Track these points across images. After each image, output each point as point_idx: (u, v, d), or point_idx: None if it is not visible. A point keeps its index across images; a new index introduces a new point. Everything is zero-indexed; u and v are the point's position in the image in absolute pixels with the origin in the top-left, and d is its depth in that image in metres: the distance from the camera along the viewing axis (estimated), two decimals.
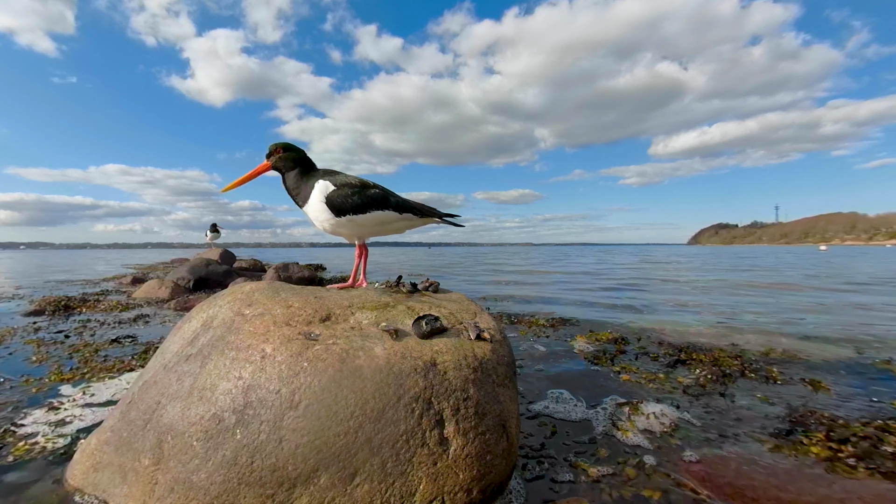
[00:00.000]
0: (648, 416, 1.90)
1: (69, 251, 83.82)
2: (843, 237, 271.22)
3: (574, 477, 1.44)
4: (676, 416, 1.92)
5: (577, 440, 1.70)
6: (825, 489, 1.37)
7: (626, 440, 1.70)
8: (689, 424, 1.85)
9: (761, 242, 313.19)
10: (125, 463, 1.23)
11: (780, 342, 3.40)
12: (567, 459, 1.55)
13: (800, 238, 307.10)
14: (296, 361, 1.22)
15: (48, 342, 3.29)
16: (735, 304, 5.59)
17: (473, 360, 1.34)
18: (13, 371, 2.57)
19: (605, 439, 1.71)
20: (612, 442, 1.69)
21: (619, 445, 1.66)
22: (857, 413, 1.99)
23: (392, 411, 1.16)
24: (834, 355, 3.00)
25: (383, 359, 1.24)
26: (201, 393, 1.22)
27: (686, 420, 1.89)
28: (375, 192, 1.73)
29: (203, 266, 7.03)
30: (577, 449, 1.63)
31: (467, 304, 1.74)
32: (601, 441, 1.69)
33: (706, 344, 3.27)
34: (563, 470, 1.48)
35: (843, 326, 4.06)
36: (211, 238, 10.77)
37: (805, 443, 1.67)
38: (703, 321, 4.40)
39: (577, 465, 1.51)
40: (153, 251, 77.51)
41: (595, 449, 1.63)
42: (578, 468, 1.49)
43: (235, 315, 1.45)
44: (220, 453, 1.12)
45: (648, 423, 1.84)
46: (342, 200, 1.68)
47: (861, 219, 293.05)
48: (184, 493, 1.10)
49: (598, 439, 1.71)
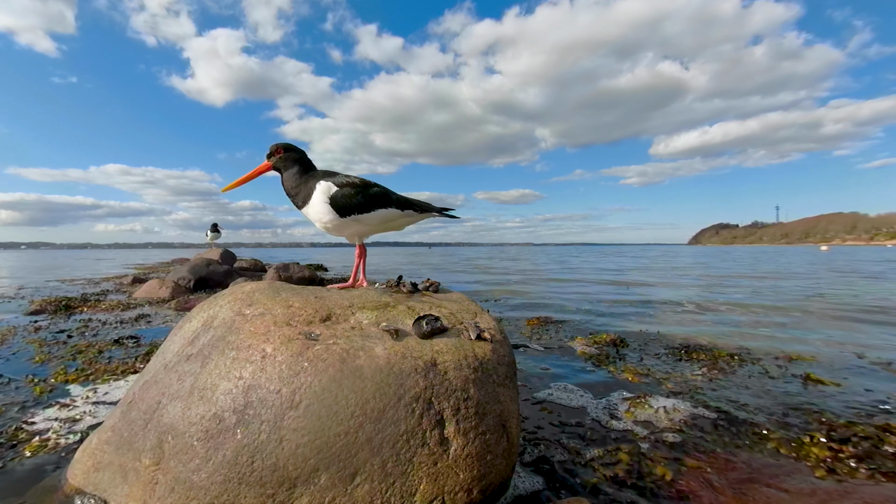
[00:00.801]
0: (655, 412, 1.90)
1: (70, 251, 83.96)
2: (844, 237, 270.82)
3: (576, 476, 1.44)
4: (678, 414, 1.92)
5: (577, 438, 1.70)
6: (825, 489, 1.36)
7: (626, 437, 1.70)
8: (689, 422, 1.85)
9: (762, 242, 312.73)
10: (126, 463, 1.23)
11: (781, 341, 3.40)
12: (570, 457, 1.55)
13: (800, 238, 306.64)
14: (296, 361, 1.22)
15: (50, 342, 3.30)
16: (737, 304, 5.59)
17: (474, 360, 1.34)
18: (16, 371, 2.57)
19: (606, 437, 1.71)
20: (612, 438, 1.69)
21: (620, 441, 1.66)
22: (859, 413, 1.99)
23: (392, 411, 1.16)
24: (836, 355, 3.00)
25: (384, 359, 1.24)
26: (202, 393, 1.22)
27: (687, 418, 1.89)
28: (377, 191, 1.74)
29: (204, 266, 7.04)
30: (580, 447, 1.63)
31: (468, 304, 1.74)
32: (601, 438, 1.69)
33: (708, 344, 3.27)
34: (564, 468, 1.48)
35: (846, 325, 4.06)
36: (211, 238, 10.78)
37: (806, 442, 1.67)
38: (705, 322, 4.40)
39: (579, 464, 1.51)
40: (154, 251, 77.62)
41: (597, 447, 1.63)
42: (581, 467, 1.49)
43: (236, 315, 1.45)
44: (220, 453, 1.12)
45: (651, 420, 1.84)
46: (346, 200, 1.68)
47: (862, 219, 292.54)
48: (184, 493, 1.10)
49: (599, 438, 1.71)
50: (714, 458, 1.57)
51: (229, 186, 1.80)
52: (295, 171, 1.75)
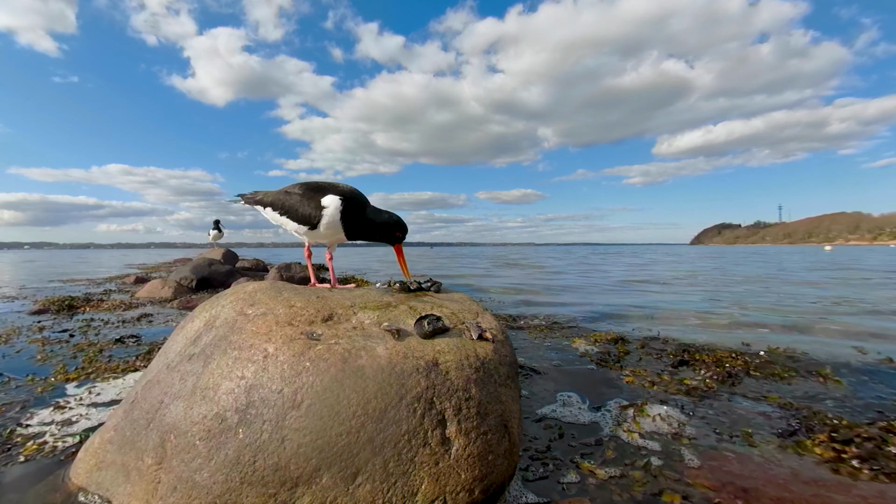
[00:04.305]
0: (654, 418, 1.89)
1: (73, 251, 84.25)
2: (847, 237, 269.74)
3: (579, 477, 1.43)
4: (681, 417, 1.92)
5: (581, 441, 1.70)
6: (829, 491, 1.36)
7: (630, 441, 1.69)
8: (693, 426, 1.85)
9: (764, 242, 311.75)
10: (128, 462, 1.23)
11: (782, 342, 3.38)
12: (571, 459, 1.55)
13: (803, 238, 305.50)
14: (298, 361, 1.22)
15: (52, 341, 3.31)
16: (739, 303, 5.57)
17: (475, 360, 1.34)
18: (18, 370, 2.58)
19: (610, 441, 1.71)
20: (617, 443, 1.69)
21: (625, 447, 1.66)
22: (862, 413, 1.98)
23: (394, 411, 1.16)
24: (838, 355, 2.99)
25: (385, 358, 1.25)
26: (204, 392, 1.22)
27: (690, 421, 1.89)
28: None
29: (206, 266, 7.06)
30: (582, 450, 1.62)
31: (469, 303, 1.73)
32: (605, 442, 1.69)
33: (709, 344, 3.26)
34: (566, 469, 1.47)
35: (846, 326, 4.04)
36: (214, 237, 10.81)
37: (809, 444, 1.66)
38: (706, 321, 4.39)
39: (581, 465, 1.50)
40: (156, 251, 77.80)
41: (599, 450, 1.63)
42: (583, 468, 1.49)
43: (238, 315, 1.46)
44: (222, 453, 1.12)
45: (654, 426, 1.84)
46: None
47: (865, 218, 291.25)
48: (186, 493, 1.11)
49: (603, 440, 1.70)
50: (715, 459, 1.56)
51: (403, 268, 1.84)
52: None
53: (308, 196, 1.73)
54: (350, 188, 1.77)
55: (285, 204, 1.76)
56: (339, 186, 1.76)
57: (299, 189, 1.77)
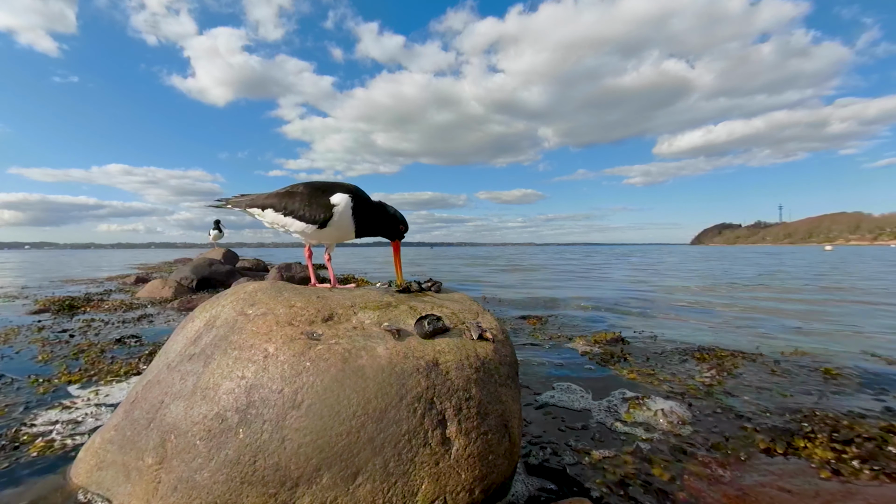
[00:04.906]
0: (655, 414, 1.89)
1: (74, 251, 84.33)
2: (847, 237, 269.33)
3: (577, 475, 1.43)
4: (681, 414, 1.92)
5: (579, 437, 1.70)
6: (829, 491, 1.36)
7: (628, 437, 1.69)
8: (693, 423, 1.85)
9: (765, 242, 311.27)
10: (129, 461, 1.23)
11: (783, 342, 3.38)
12: (569, 454, 1.55)
13: (803, 238, 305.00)
14: (298, 361, 1.22)
15: (53, 341, 3.31)
16: (742, 302, 5.57)
17: (476, 360, 1.34)
18: (19, 370, 2.58)
19: (608, 437, 1.71)
20: (613, 438, 1.69)
21: (621, 441, 1.66)
22: (862, 414, 1.97)
23: (394, 411, 1.16)
24: (839, 355, 2.99)
25: (385, 358, 1.24)
26: (204, 392, 1.22)
27: (690, 419, 1.89)
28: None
29: (206, 266, 7.06)
30: (580, 447, 1.62)
31: (469, 303, 1.73)
32: (604, 438, 1.69)
33: (709, 344, 3.26)
34: (565, 469, 1.47)
35: (847, 326, 4.04)
36: (214, 237, 10.81)
37: (809, 444, 1.66)
38: (707, 321, 4.39)
39: (581, 460, 1.51)
40: (156, 251, 77.86)
41: (598, 447, 1.63)
42: (580, 465, 1.49)
43: (238, 315, 1.46)
44: (223, 452, 1.12)
45: (654, 421, 1.83)
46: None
47: (865, 218, 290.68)
48: (187, 492, 1.11)
49: (601, 438, 1.71)
50: (716, 459, 1.56)
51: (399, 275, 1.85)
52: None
53: (315, 195, 1.73)
54: (354, 186, 1.77)
55: (290, 204, 1.76)
56: (343, 185, 1.76)
57: (303, 189, 1.77)
